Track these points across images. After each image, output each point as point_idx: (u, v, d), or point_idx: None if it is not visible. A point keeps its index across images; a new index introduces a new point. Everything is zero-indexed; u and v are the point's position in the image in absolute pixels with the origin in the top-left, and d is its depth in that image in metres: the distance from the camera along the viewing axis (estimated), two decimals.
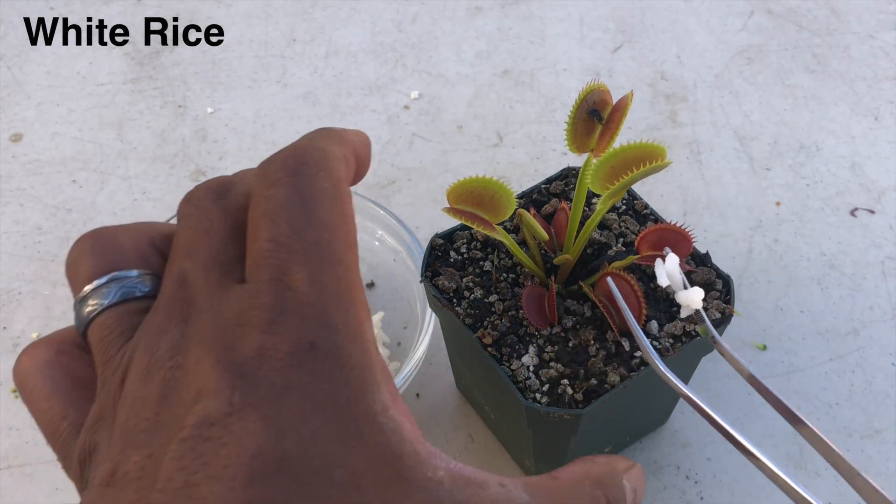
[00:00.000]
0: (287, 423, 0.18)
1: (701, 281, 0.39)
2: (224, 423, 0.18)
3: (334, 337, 0.20)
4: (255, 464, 0.18)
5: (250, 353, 0.20)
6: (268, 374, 0.19)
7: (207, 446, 0.18)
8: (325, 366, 0.20)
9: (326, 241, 0.21)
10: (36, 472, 0.45)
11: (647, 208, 0.42)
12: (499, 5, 0.74)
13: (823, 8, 0.73)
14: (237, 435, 0.18)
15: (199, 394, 0.19)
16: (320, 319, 0.21)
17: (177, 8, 0.74)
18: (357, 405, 0.20)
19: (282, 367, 0.19)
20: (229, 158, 0.62)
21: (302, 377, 0.19)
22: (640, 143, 0.32)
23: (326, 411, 0.19)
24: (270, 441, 0.18)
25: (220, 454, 0.18)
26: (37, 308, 0.53)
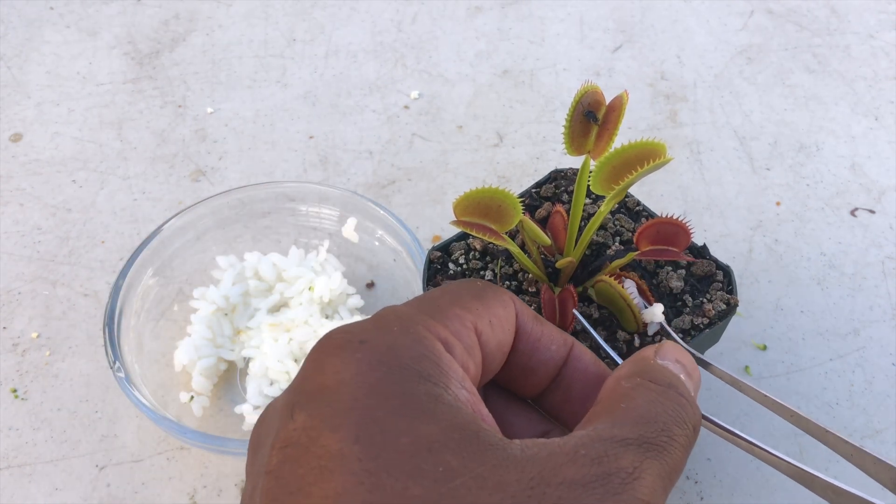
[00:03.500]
0: (344, 416, 0.20)
1: (701, 273, 0.39)
2: (294, 439, 0.20)
3: (387, 332, 0.22)
4: (322, 462, 0.19)
5: (307, 373, 0.22)
6: (321, 381, 0.21)
7: (286, 468, 0.20)
8: (376, 355, 0.21)
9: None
10: (35, 472, 0.45)
11: (640, 205, 0.42)
12: (499, 5, 0.74)
13: (823, 8, 0.73)
14: (305, 445, 0.20)
15: (271, 429, 0.22)
16: (373, 324, 0.23)
17: (177, 8, 0.74)
18: (417, 385, 0.21)
19: (334, 368, 0.21)
20: (229, 158, 0.62)
21: (352, 368, 0.21)
22: (640, 141, 0.32)
23: (380, 395, 0.20)
24: (329, 436, 0.20)
25: (297, 469, 0.20)
26: (36, 308, 0.53)
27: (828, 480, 0.24)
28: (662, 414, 0.22)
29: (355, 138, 0.63)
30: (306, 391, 0.21)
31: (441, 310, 0.24)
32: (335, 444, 0.19)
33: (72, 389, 0.49)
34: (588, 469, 0.20)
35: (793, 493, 0.44)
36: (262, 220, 0.53)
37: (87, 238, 0.57)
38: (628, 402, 0.23)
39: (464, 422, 0.20)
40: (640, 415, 0.22)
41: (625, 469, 0.20)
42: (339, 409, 0.20)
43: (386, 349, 0.21)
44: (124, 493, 0.44)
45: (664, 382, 0.24)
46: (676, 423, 0.22)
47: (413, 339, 0.22)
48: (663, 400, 0.23)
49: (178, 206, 0.58)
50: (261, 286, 0.50)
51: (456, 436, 0.20)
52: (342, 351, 0.21)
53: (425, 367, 0.21)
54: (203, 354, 0.47)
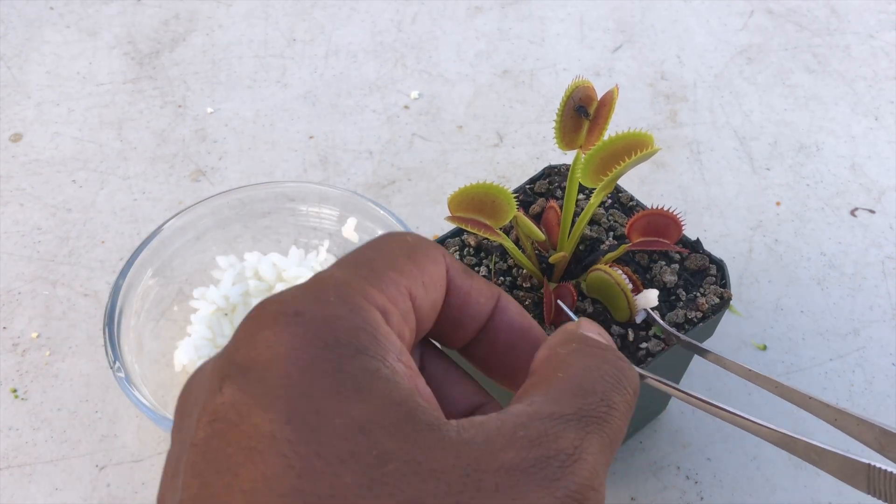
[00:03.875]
0: (275, 394, 0.19)
1: (694, 267, 0.39)
2: (221, 414, 0.19)
3: (323, 303, 0.21)
4: (252, 443, 0.19)
5: (238, 343, 0.21)
6: (253, 354, 0.20)
7: (215, 443, 0.19)
8: (311, 329, 0.20)
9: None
10: (35, 472, 0.45)
11: (633, 200, 0.42)
12: (499, 5, 0.74)
13: (823, 8, 0.73)
14: (234, 422, 0.19)
15: (199, 399, 0.21)
16: (309, 293, 0.21)
17: (177, 8, 0.74)
18: (351, 361, 0.20)
19: (265, 342, 0.20)
20: (229, 158, 0.62)
21: (285, 345, 0.20)
22: (627, 133, 0.32)
23: (314, 373, 0.19)
24: (260, 415, 0.19)
25: (227, 445, 0.19)
26: (36, 308, 0.53)
27: (809, 442, 0.24)
28: (600, 381, 0.22)
29: (355, 138, 0.63)
30: (237, 363, 0.20)
31: (377, 274, 0.22)
32: (266, 424, 0.18)
33: (72, 389, 0.49)
34: (527, 452, 0.19)
35: (793, 493, 0.44)
36: (262, 220, 0.53)
37: (87, 238, 0.57)
38: (565, 369, 0.22)
39: (400, 398, 0.19)
40: (578, 384, 0.21)
41: (565, 450, 0.19)
42: (270, 387, 0.19)
43: (322, 322, 0.20)
44: (124, 493, 0.44)
45: (600, 346, 0.23)
46: (615, 390, 0.22)
47: (350, 308, 0.21)
48: (601, 364, 0.22)
49: (178, 206, 0.58)
50: (261, 286, 0.50)
51: (391, 415, 0.19)
52: (276, 323, 0.20)
53: (362, 340, 0.20)
54: (203, 355, 0.47)
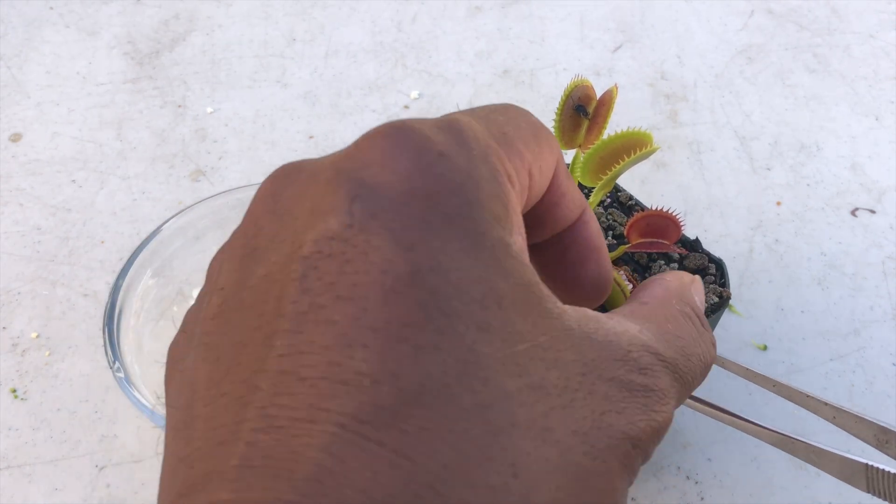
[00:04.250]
0: (415, 234, 0.17)
1: (694, 266, 0.39)
2: (345, 236, 0.17)
3: (467, 154, 0.19)
4: (387, 280, 0.16)
5: (369, 160, 0.18)
6: (390, 180, 0.17)
7: (330, 264, 0.16)
8: (456, 178, 0.18)
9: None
10: (35, 472, 0.45)
11: (632, 199, 0.42)
12: (499, 5, 0.74)
13: (824, 7, 0.73)
14: (362, 249, 0.16)
15: (314, 208, 0.18)
16: (453, 137, 0.19)
17: (176, 8, 0.74)
18: (491, 228, 0.18)
19: (405, 172, 0.18)
20: (229, 158, 0.62)
21: (428, 184, 0.17)
22: (626, 131, 0.32)
23: (456, 226, 0.17)
24: (399, 253, 0.16)
25: (347, 271, 0.16)
26: (36, 308, 0.53)
27: (809, 443, 0.25)
28: (698, 355, 0.22)
29: (355, 138, 0.63)
30: (369, 184, 0.17)
31: (508, 142, 0.20)
32: (406, 265, 0.16)
33: (71, 390, 0.49)
34: (635, 377, 0.19)
35: (793, 494, 0.44)
36: None
37: (87, 238, 0.57)
38: (676, 326, 0.22)
39: (529, 281, 0.18)
40: (683, 347, 0.22)
41: (663, 390, 0.20)
42: (412, 227, 0.17)
43: (466, 175, 0.18)
44: (124, 493, 0.44)
45: (706, 327, 0.24)
46: (702, 372, 0.22)
47: (490, 171, 0.19)
48: (702, 344, 0.23)
49: (177, 206, 0.58)
50: None
51: (522, 296, 0.17)
52: (418, 156, 0.18)
53: (497, 208, 0.18)
54: None
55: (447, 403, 0.15)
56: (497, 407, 0.16)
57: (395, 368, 0.15)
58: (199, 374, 0.18)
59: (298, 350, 0.16)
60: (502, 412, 0.16)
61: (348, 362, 0.15)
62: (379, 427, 0.15)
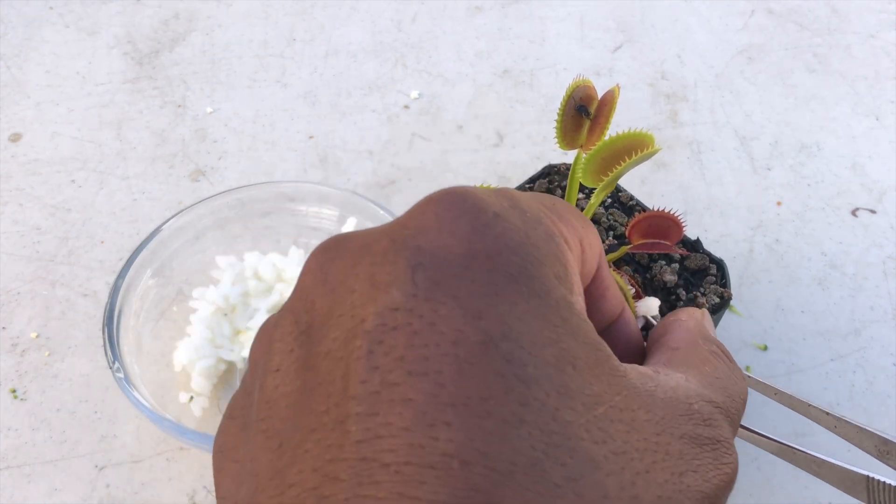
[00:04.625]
0: (482, 299, 0.16)
1: (695, 267, 0.39)
2: (409, 306, 0.16)
3: (521, 215, 0.18)
4: (460, 351, 0.15)
5: (424, 226, 0.17)
6: (449, 244, 0.17)
7: (397, 337, 0.15)
8: (516, 237, 0.17)
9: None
10: (34, 472, 0.45)
11: (633, 199, 0.42)
12: (499, 5, 0.74)
13: (824, 7, 0.73)
14: (429, 319, 0.16)
15: (373, 279, 0.17)
16: (505, 200, 0.18)
17: (176, 7, 0.74)
18: (555, 287, 0.17)
19: (464, 234, 0.17)
20: (229, 158, 0.62)
21: (488, 245, 0.17)
22: (627, 132, 0.32)
23: (521, 286, 0.17)
24: (468, 321, 0.16)
25: (416, 344, 0.15)
26: (35, 308, 0.53)
27: (810, 453, 0.25)
28: (739, 393, 0.22)
29: (355, 138, 0.63)
30: (428, 251, 0.17)
31: (558, 209, 0.20)
32: (477, 334, 0.15)
33: (71, 390, 0.49)
34: (702, 430, 0.19)
35: (793, 494, 0.44)
36: (261, 220, 0.52)
37: (87, 238, 0.57)
38: (712, 369, 0.22)
39: (595, 340, 0.17)
40: (724, 387, 0.21)
41: (727, 440, 0.19)
42: (477, 292, 0.16)
43: (524, 235, 0.17)
44: (124, 493, 0.44)
45: (734, 362, 0.24)
46: (743, 408, 0.22)
47: (545, 232, 0.18)
48: (738, 381, 0.22)
49: (177, 206, 0.58)
50: (260, 286, 0.50)
51: (593, 356, 0.17)
52: (475, 218, 0.17)
53: (557, 268, 0.18)
54: (202, 355, 0.47)
55: (539, 481, 0.15)
56: (587, 479, 0.15)
57: (482, 447, 0.14)
58: (260, 465, 0.16)
59: (376, 434, 0.15)
60: (593, 485, 0.15)
61: (432, 444, 0.14)
62: None
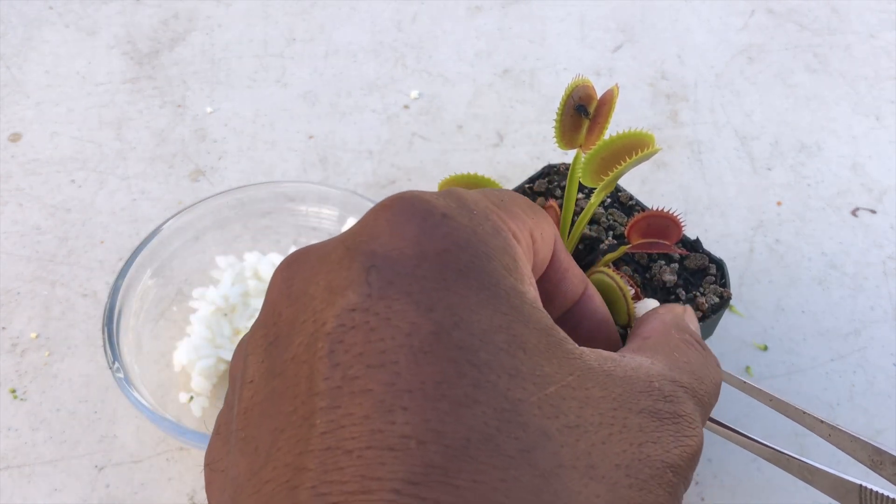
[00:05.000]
0: (433, 293, 0.17)
1: (694, 267, 0.39)
2: (366, 306, 0.17)
3: (468, 214, 0.19)
4: (414, 341, 0.16)
5: (376, 232, 0.19)
6: (400, 246, 0.18)
7: (356, 335, 0.17)
8: (463, 235, 0.18)
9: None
10: (34, 472, 0.45)
11: (633, 199, 0.42)
12: (499, 5, 0.74)
13: (824, 7, 0.73)
14: (384, 315, 0.17)
15: (330, 285, 0.18)
16: (452, 200, 0.19)
17: (176, 7, 0.74)
18: (504, 278, 0.18)
19: (413, 236, 0.18)
20: (229, 158, 0.62)
21: (437, 244, 0.18)
22: (627, 132, 0.31)
23: (471, 279, 0.18)
24: (421, 314, 0.17)
25: (373, 339, 0.16)
26: (35, 308, 0.53)
27: (803, 461, 0.25)
28: (710, 377, 0.23)
29: (355, 138, 0.63)
30: (382, 254, 0.18)
31: (506, 205, 0.21)
32: (429, 325, 0.16)
33: (71, 390, 0.49)
34: (662, 405, 0.19)
35: (793, 494, 0.44)
36: (261, 220, 0.52)
37: (87, 238, 0.56)
38: (682, 354, 0.23)
39: (547, 325, 0.18)
40: (694, 371, 0.22)
41: (690, 415, 0.20)
42: (428, 288, 0.17)
43: (472, 232, 0.19)
44: (123, 493, 0.44)
45: (708, 350, 0.24)
46: (715, 392, 0.23)
47: (493, 227, 0.20)
48: (710, 367, 0.23)
49: (177, 206, 0.58)
50: (260, 286, 0.50)
51: (543, 339, 0.18)
52: (423, 220, 0.18)
53: (506, 260, 0.19)
54: (202, 355, 0.47)
55: (493, 454, 0.16)
56: (541, 450, 0.16)
57: (438, 426, 0.15)
58: (240, 469, 0.17)
59: (339, 424, 0.16)
60: (547, 454, 0.16)
61: (391, 428, 0.15)
62: (433, 486, 0.15)
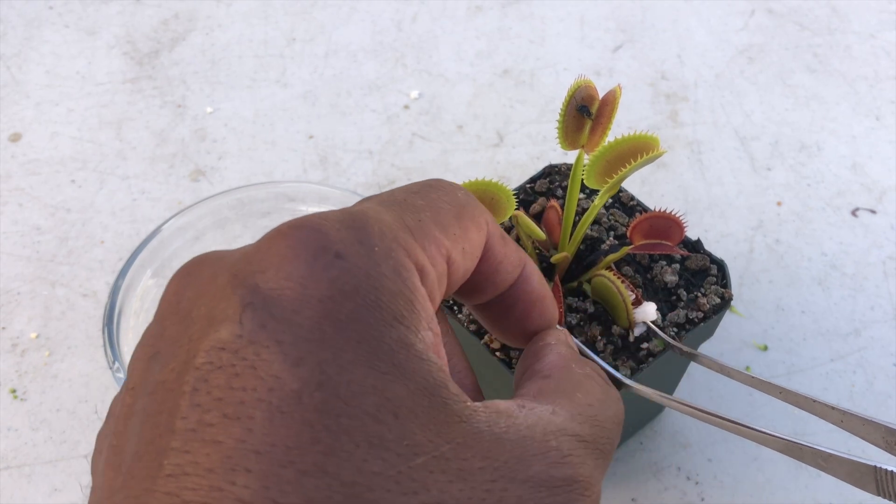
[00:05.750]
0: (304, 346, 0.16)
1: (695, 267, 0.39)
2: (234, 347, 0.16)
3: (367, 252, 0.18)
4: (273, 398, 0.16)
5: (266, 264, 0.18)
6: (283, 287, 0.17)
7: (220, 377, 0.16)
8: (352, 281, 0.17)
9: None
10: (34, 472, 0.45)
11: (634, 199, 0.42)
12: (499, 5, 0.74)
13: (824, 7, 0.73)
14: (250, 362, 0.16)
15: (209, 313, 0.17)
16: (353, 234, 0.18)
17: (176, 7, 0.74)
18: (389, 330, 0.17)
19: (300, 277, 0.17)
20: (229, 158, 0.62)
21: (321, 290, 0.17)
22: (633, 135, 0.32)
23: (350, 332, 0.17)
24: (286, 369, 0.16)
25: (234, 387, 0.16)
26: (35, 308, 0.53)
27: (816, 448, 0.24)
28: (612, 418, 0.22)
29: (355, 138, 0.63)
30: (262, 292, 0.17)
31: (422, 229, 0.20)
32: (292, 381, 0.16)
33: (71, 390, 0.49)
34: (557, 470, 0.18)
35: (794, 494, 0.44)
36: (261, 221, 0.52)
37: (87, 238, 0.56)
38: (584, 393, 0.22)
39: (432, 382, 0.17)
40: (595, 415, 0.21)
41: (587, 478, 0.19)
42: (300, 338, 0.16)
43: (364, 276, 0.18)
44: None
45: (607, 380, 0.23)
46: (617, 433, 0.22)
47: (393, 267, 0.18)
48: (612, 404, 0.22)
49: (177, 206, 0.58)
50: None
51: (423, 402, 0.17)
52: (314, 259, 0.17)
53: (401, 306, 0.18)
54: None
55: None
56: None
57: (276, 496, 0.15)
58: (104, 481, 0.17)
59: (184, 471, 0.15)
60: None
61: (229, 488, 0.15)
62: None
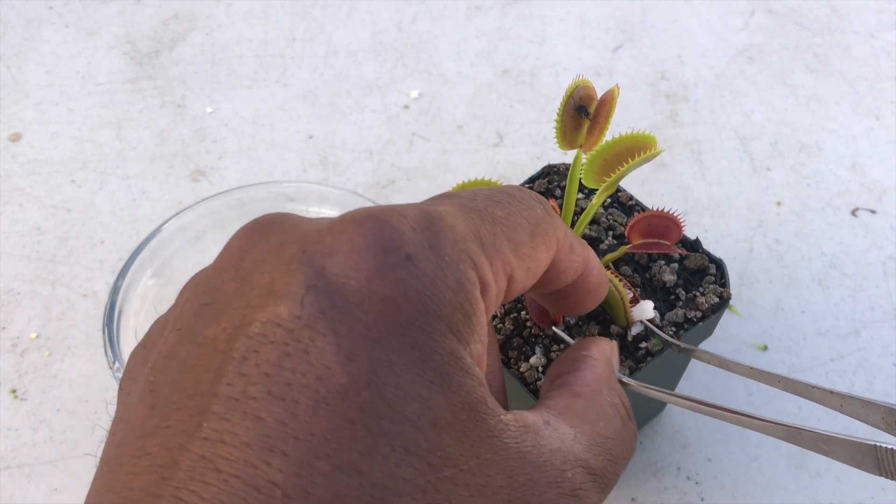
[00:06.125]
0: (359, 342, 0.16)
1: (694, 267, 0.39)
2: (291, 327, 0.16)
3: (437, 260, 0.18)
4: (321, 388, 0.16)
5: (336, 248, 0.17)
6: (349, 276, 0.17)
7: (271, 353, 0.16)
8: (417, 286, 0.17)
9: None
10: (34, 472, 0.45)
11: (632, 199, 0.42)
12: (499, 5, 0.74)
13: (824, 7, 0.73)
14: (304, 346, 0.16)
15: (271, 284, 0.17)
16: (427, 238, 0.18)
17: (176, 7, 0.74)
18: (444, 341, 0.17)
19: (367, 270, 0.17)
20: (229, 158, 0.62)
21: (386, 288, 0.17)
22: (630, 134, 0.32)
23: (406, 337, 0.17)
24: (339, 361, 0.16)
25: (284, 366, 0.16)
26: (35, 308, 0.53)
27: (815, 431, 0.24)
28: (623, 455, 0.22)
29: (355, 138, 0.63)
30: (329, 275, 0.17)
31: (495, 244, 0.20)
32: (342, 375, 0.16)
33: (71, 390, 0.49)
34: (565, 501, 0.19)
35: (793, 494, 0.44)
36: None
37: (87, 238, 0.56)
38: (606, 425, 0.22)
39: (474, 398, 0.18)
40: (610, 449, 0.22)
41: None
42: (358, 333, 0.16)
43: (430, 283, 0.17)
44: None
45: (631, 418, 0.24)
46: (623, 468, 0.22)
47: (458, 280, 0.18)
48: (627, 442, 0.23)
49: (177, 206, 0.58)
50: None
51: (463, 416, 0.17)
52: (384, 256, 0.17)
53: (458, 320, 0.18)
54: None
55: None
56: None
57: (308, 486, 0.15)
58: (136, 417, 0.17)
59: (221, 439, 0.15)
60: None
61: (264, 468, 0.15)
62: None
